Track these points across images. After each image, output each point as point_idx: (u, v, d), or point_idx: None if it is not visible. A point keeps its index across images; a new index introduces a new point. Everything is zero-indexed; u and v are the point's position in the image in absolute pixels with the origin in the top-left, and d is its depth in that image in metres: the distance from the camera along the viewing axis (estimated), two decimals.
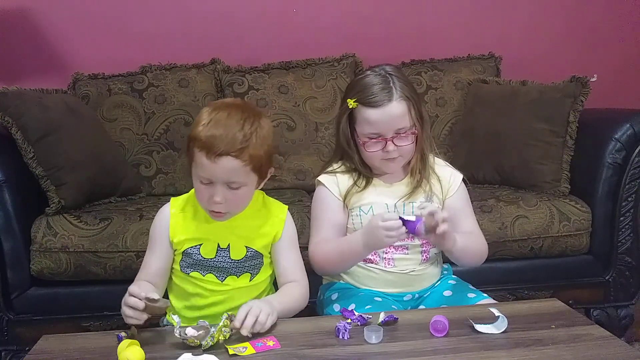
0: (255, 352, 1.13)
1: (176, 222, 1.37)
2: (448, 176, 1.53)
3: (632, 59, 2.87)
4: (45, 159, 1.93)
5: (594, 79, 2.12)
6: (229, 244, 1.36)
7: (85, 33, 2.59)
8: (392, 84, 1.42)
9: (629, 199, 2.04)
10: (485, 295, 1.46)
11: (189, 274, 1.37)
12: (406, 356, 1.12)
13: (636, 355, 1.10)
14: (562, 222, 2.02)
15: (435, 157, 1.55)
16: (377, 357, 1.12)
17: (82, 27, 2.59)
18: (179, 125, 2.37)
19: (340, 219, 1.50)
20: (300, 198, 2.15)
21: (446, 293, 1.49)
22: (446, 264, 1.63)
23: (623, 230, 2.06)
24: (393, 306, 1.45)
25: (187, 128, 2.32)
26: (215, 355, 1.09)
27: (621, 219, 2.05)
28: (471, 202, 1.58)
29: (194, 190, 1.34)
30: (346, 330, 1.19)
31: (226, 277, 1.37)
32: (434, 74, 2.54)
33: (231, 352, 1.12)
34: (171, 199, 1.42)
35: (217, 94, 2.48)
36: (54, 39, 2.58)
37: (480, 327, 1.20)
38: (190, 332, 1.15)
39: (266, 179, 1.35)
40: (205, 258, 1.36)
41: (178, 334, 1.15)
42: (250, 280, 1.38)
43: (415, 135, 1.45)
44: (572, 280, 2.09)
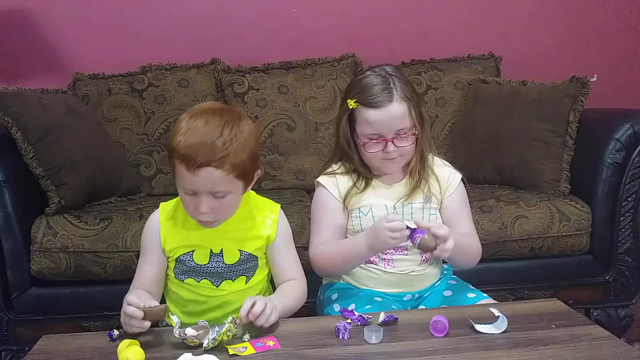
0: (255, 352, 1.13)
1: (167, 230, 1.35)
2: (447, 176, 1.53)
3: (632, 59, 2.87)
4: (45, 159, 1.93)
5: (594, 79, 2.13)
6: (221, 248, 1.34)
7: (85, 33, 2.59)
8: (392, 85, 1.42)
9: (629, 199, 2.04)
10: (485, 295, 1.46)
11: (183, 280, 1.36)
12: (406, 356, 1.12)
13: (636, 355, 1.10)
14: (562, 222, 2.02)
15: (434, 157, 1.55)
16: (377, 357, 1.12)
17: (82, 27, 2.59)
18: None
19: (340, 220, 1.50)
20: (300, 198, 2.15)
21: (446, 293, 1.49)
22: (446, 264, 1.63)
23: (623, 230, 2.06)
24: (393, 306, 1.45)
25: None
26: (215, 355, 1.09)
27: (621, 219, 2.05)
28: (471, 202, 1.58)
29: None
30: (346, 330, 1.19)
31: (221, 282, 1.35)
32: (434, 74, 2.54)
33: (231, 352, 1.12)
34: (160, 205, 1.40)
35: (217, 94, 2.48)
36: (54, 39, 2.58)
37: (480, 327, 1.20)
38: (190, 332, 1.15)
39: (253, 182, 1.33)
40: (198, 264, 1.34)
41: (178, 335, 1.15)
42: (246, 283, 1.37)
43: (415, 136, 1.45)
44: (572, 280, 2.09)
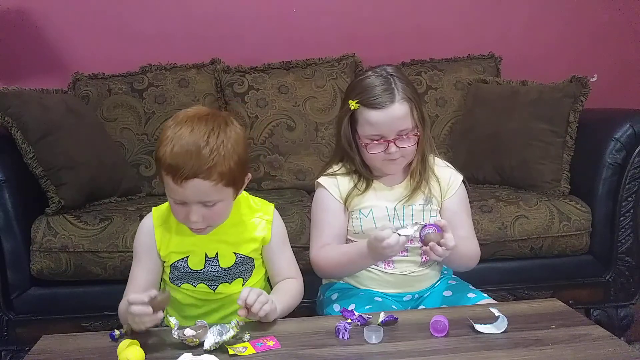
0: (255, 352, 1.13)
1: (161, 235, 1.34)
2: (448, 177, 1.53)
3: (632, 59, 2.87)
4: (45, 159, 1.93)
5: (594, 79, 2.13)
6: (216, 252, 1.33)
7: (85, 33, 2.59)
8: (394, 85, 1.41)
9: (629, 199, 2.04)
10: (485, 295, 1.46)
11: (179, 286, 1.36)
12: (406, 356, 1.12)
13: (636, 355, 1.10)
14: (562, 222, 2.02)
15: (435, 158, 1.54)
16: (377, 357, 1.12)
17: (82, 27, 2.59)
18: None
19: (340, 221, 1.50)
20: (300, 198, 2.15)
21: (446, 293, 1.49)
22: None
23: (623, 230, 2.06)
24: (393, 306, 1.45)
25: None
26: (215, 355, 1.09)
27: (621, 219, 2.05)
28: (471, 202, 1.58)
29: None
30: (346, 330, 1.19)
31: (218, 285, 1.35)
32: (434, 74, 2.54)
33: (231, 352, 1.12)
34: (153, 210, 1.38)
35: (217, 94, 2.48)
36: (54, 39, 2.58)
37: (480, 327, 1.20)
38: (189, 332, 1.15)
39: (243, 187, 1.31)
40: (194, 270, 1.33)
41: (177, 336, 1.15)
42: (243, 285, 1.36)
43: (417, 137, 1.44)
44: (572, 280, 2.09)
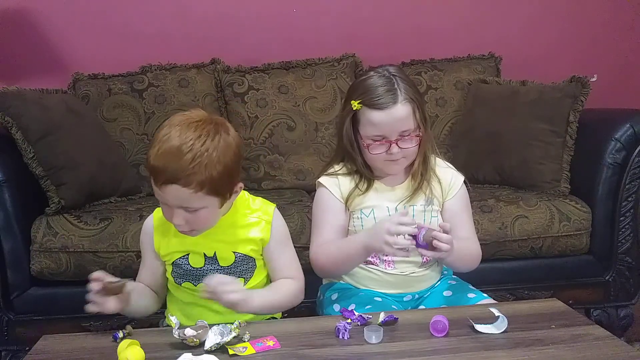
0: (255, 352, 1.13)
1: (160, 235, 1.35)
2: (449, 178, 1.53)
3: (632, 59, 2.87)
4: (45, 159, 1.93)
5: (594, 79, 2.13)
6: (214, 252, 1.32)
7: (85, 33, 2.59)
8: (396, 86, 1.40)
9: (629, 199, 2.04)
10: (485, 295, 1.46)
11: (180, 284, 1.36)
12: (406, 356, 1.12)
13: (636, 355, 1.10)
14: (562, 222, 2.02)
15: (436, 158, 1.54)
16: (377, 357, 1.12)
17: (82, 27, 2.59)
18: None
19: (341, 221, 1.50)
20: (300, 198, 2.15)
21: (446, 293, 1.49)
22: None
23: (623, 230, 2.06)
24: (393, 306, 1.45)
25: None
26: (215, 355, 1.09)
27: (621, 219, 2.05)
28: (471, 202, 1.58)
29: None
30: (346, 330, 1.19)
31: None
32: (434, 74, 2.54)
33: (231, 352, 1.12)
34: (155, 210, 1.38)
35: (217, 94, 2.48)
36: (54, 39, 2.58)
37: (480, 327, 1.20)
38: (189, 332, 1.15)
39: (233, 195, 1.29)
40: (195, 268, 1.33)
41: (177, 335, 1.15)
42: (245, 285, 1.35)
43: (419, 138, 1.44)
44: (572, 280, 2.09)
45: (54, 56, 2.59)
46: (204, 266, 1.33)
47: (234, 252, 1.33)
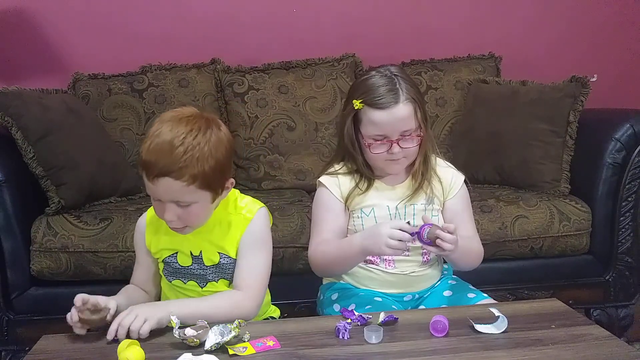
0: (255, 352, 1.13)
1: (152, 232, 1.36)
2: (450, 178, 1.53)
3: (632, 59, 2.87)
4: (45, 159, 1.93)
5: (594, 79, 2.13)
6: (200, 251, 1.32)
7: (85, 33, 2.59)
8: (398, 86, 1.40)
9: (629, 199, 2.04)
10: (485, 295, 1.46)
11: (170, 282, 1.37)
12: (406, 356, 1.11)
13: (636, 355, 1.10)
14: (562, 222, 2.02)
15: (437, 158, 1.54)
16: (377, 357, 1.12)
17: (82, 27, 2.59)
18: None
19: (341, 220, 1.50)
20: (300, 198, 2.15)
21: (446, 293, 1.49)
22: (446, 264, 1.63)
23: (623, 230, 2.06)
24: (393, 306, 1.45)
25: None
26: (215, 355, 1.09)
27: (621, 219, 2.05)
28: (472, 202, 1.58)
29: None
30: (346, 330, 1.19)
31: (207, 283, 1.34)
32: (434, 74, 2.54)
33: (231, 352, 1.12)
34: (149, 209, 1.39)
35: (217, 94, 2.48)
36: (54, 39, 2.59)
37: (480, 327, 1.20)
38: (190, 332, 1.15)
39: (225, 191, 1.29)
40: (182, 266, 1.34)
41: (177, 335, 1.15)
42: (229, 286, 1.34)
43: (420, 138, 1.44)
44: (572, 280, 2.09)
45: (54, 56, 2.59)
46: (191, 265, 1.34)
47: (219, 252, 1.33)
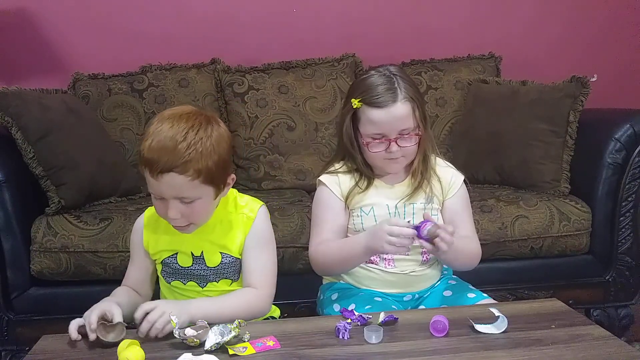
0: (255, 352, 1.13)
1: (149, 234, 1.35)
2: (449, 177, 1.53)
3: (632, 59, 2.87)
4: (45, 159, 1.93)
5: (594, 79, 2.13)
6: (202, 251, 1.32)
7: (85, 33, 2.59)
8: (397, 85, 1.41)
9: (629, 199, 2.04)
10: (485, 295, 1.46)
11: (170, 283, 1.36)
12: (406, 356, 1.12)
13: (636, 355, 1.10)
14: (562, 222, 2.02)
15: (436, 158, 1.55)
16: (377, 357, 1.12)
17: (82, 27, 2.59)
18: None
19: (341, 219, 1.50)
20: (300, 198, 2.15)
21: (446, 293, 1.49)
22: None
23: (623, 230, 2.06)
24: (393, 306, 1.45)
25: None
26: (215, 355, 1.09)
27: (621, 219, 2.05)
28: (471, 202, 1.58)
29: None
30: (346, 330, 1.19)
31: (207, 284, 1.34)
32: (434, 74, 2.54)
33: (231, 352, 1.12)
34: (146, 209, 1.39)
35: (217, 94, 2.48)
36: (54, 39, 2.59)
37: (480, 327, 1.20)
38: (190, 332, 1.15)
39: (226, 188, 1.30)
40: (183, 267, 1.34)
41: (177, 335, 1.15)
42: (231, 285, 1.35)
43: (418, 137, 1.44)
44: (572, 280, 2.09)
45: (54, 56, 2.59)
46: (192, 265, 1.33)
47: (220, 252, 1.33)
